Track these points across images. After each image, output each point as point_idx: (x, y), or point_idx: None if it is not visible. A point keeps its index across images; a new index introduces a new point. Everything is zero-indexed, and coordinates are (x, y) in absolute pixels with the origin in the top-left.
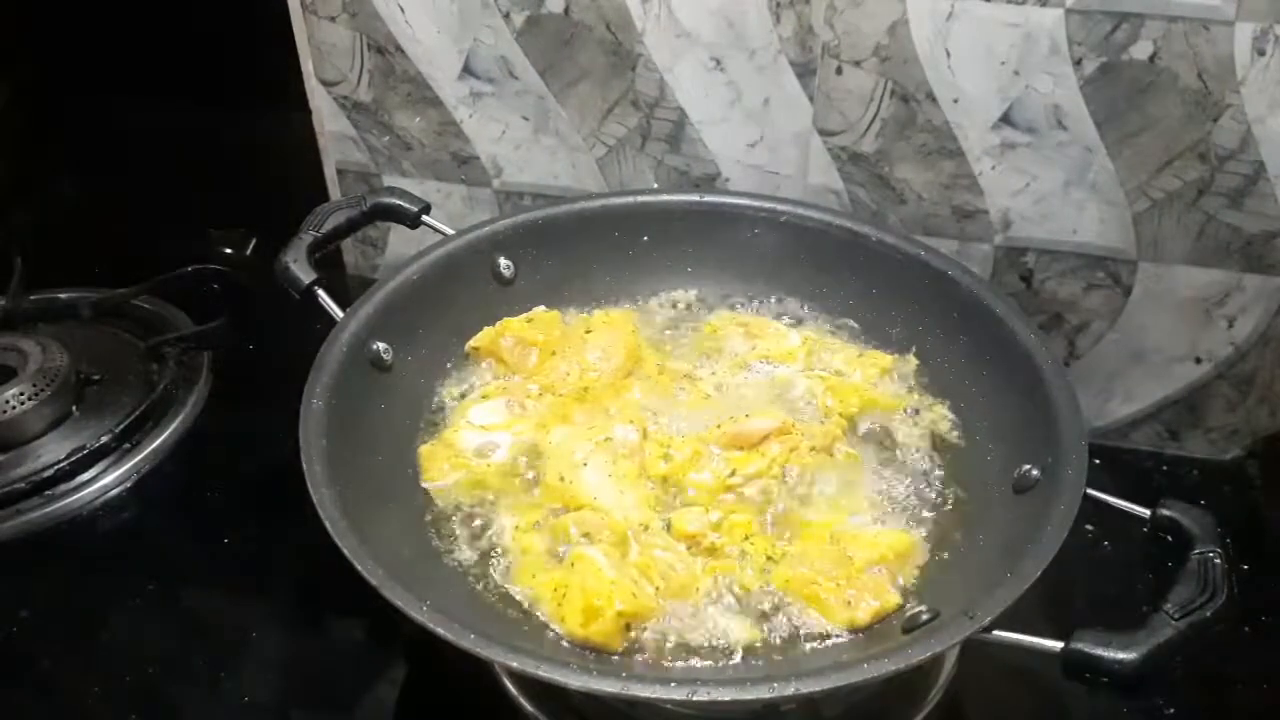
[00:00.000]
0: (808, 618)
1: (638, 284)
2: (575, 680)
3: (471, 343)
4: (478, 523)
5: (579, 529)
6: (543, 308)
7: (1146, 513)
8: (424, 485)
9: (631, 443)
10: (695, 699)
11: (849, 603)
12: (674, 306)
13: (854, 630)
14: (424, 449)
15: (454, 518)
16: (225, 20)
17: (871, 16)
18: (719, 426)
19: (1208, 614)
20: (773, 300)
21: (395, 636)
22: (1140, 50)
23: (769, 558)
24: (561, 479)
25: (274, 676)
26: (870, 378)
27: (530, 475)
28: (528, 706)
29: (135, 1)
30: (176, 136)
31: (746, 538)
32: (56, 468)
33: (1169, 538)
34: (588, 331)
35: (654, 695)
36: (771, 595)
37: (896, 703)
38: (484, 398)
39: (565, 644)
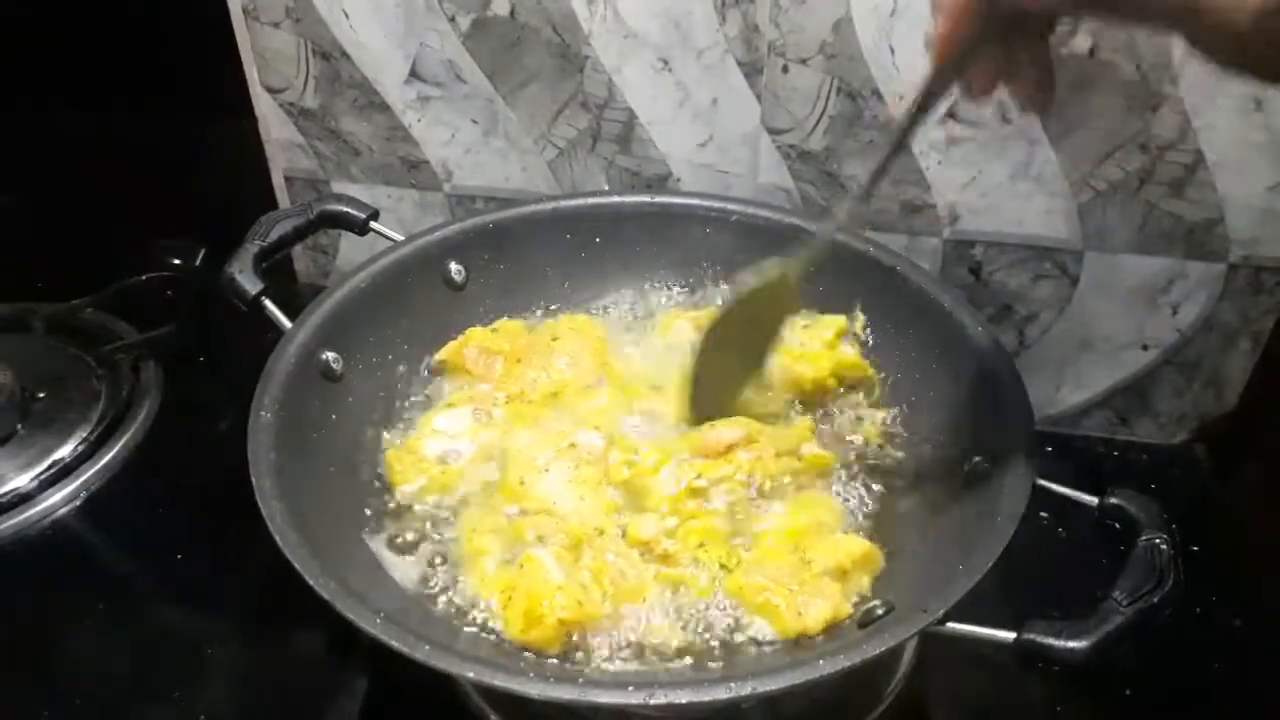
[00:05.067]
0: (757, 625)
1: (590, 286)
2: (534, 689)
3: (438, 356)
4: (434, 529)
5: (535, 532)
6: (506, 318)
7: (1094, 501)
8: (385, 490)
9: (596, 449)
10: (653, 702)
11: (800, 612)
12: (627, 307)
13: (804, 637)
14: (391, 452)
15: (411, 525)
16: (167, 27)
17: (816, 14)
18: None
19: (1155, 600)
20: (725, 299)
21: (356, 647)
22: (1079, 44)
23: (722, 565)
24: (521, 482)
25: (233, 692)
26: (829, 343)
27: (493, 481)
28: (491, 714)
29: (75, 9)
30: (120, 146)
31: (701, 544)
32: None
33: (1117, 525)
34: (554, 339)
35: (613, 700)
36: (721, 603)
37: (858, 693)
38: (450, 405)
39: (508, 646)
